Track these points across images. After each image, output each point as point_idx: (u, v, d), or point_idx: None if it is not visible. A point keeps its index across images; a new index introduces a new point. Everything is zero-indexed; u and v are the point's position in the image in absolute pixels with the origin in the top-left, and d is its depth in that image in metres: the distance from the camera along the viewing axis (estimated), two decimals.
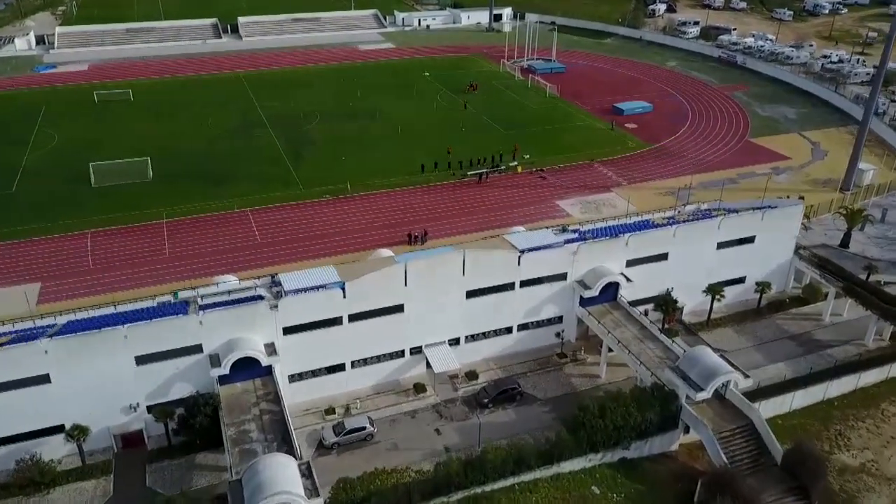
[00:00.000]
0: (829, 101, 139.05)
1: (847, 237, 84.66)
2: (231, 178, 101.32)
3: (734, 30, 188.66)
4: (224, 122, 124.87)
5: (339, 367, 62.02)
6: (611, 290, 66.94)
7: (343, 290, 58.95)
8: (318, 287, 59.75)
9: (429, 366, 63.55)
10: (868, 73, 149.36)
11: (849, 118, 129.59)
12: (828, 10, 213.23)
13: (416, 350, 64.04)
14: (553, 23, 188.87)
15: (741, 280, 74.74)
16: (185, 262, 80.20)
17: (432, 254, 66.11)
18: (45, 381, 52.61)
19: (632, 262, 68.16)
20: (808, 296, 76.18)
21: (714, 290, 70.80)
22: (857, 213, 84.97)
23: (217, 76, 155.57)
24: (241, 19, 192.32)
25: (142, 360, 54.58)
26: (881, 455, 57.63)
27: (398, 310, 61.54)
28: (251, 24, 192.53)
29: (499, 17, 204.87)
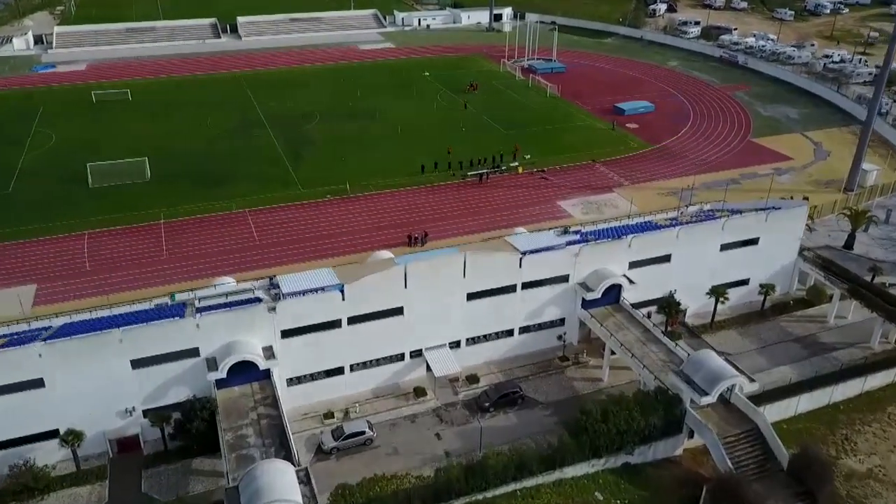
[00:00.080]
0: (831, 101, 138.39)
1: (851, 238, 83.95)
2: (230, 178, 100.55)
3: (735, 29, 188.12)
4: (223, 122, 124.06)
5: (338, 371, 61.35)
6: (613, 293, 66.23)
7: (342, 292, 58.27)
8: (316, 289, 59.10)
9: (429, 369, 62.86)
10: (870, 73, 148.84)
11: (851, 118, 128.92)
12: (829, 10, 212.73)
13: (417, 353, 63.32)
14: (553, 22, 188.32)
15: (745, 282, 74.02)
16: (182, 264, 79.45)
17: (433, 255, 65.64)
18: (39, 385, 51.97)
19: (634, 264, 67.51)
20: (813, 298, 75.54)
21: (717, 292, 70.09)
22: (861, 214, 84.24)
23: (216, 76, 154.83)
24: (240, 19, 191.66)
25: (138, 363, 53.90)
26: (888, 460, 56.83)
27: (398, 312, 60.84)
28: (250, 24, 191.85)
29: (499, 17, 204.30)
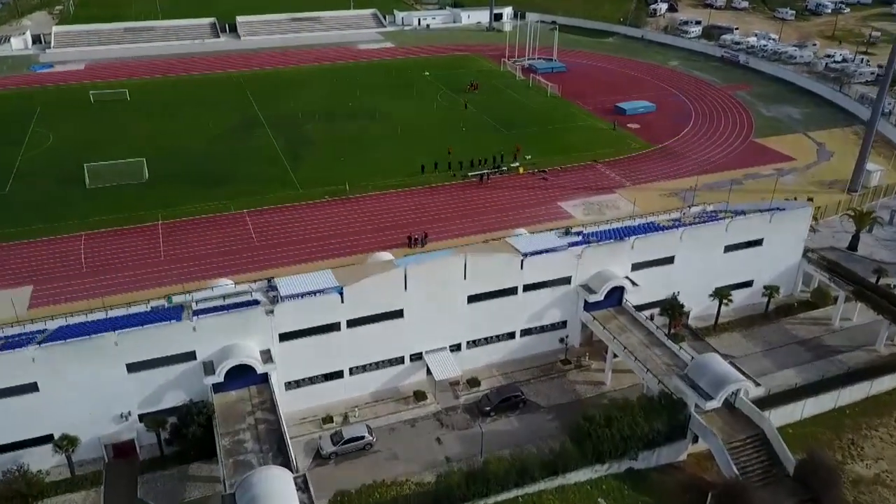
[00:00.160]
0: (833, 101, 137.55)
1: (855, 240, 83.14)
2: (228, 178, 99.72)
3: (736, 29, 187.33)
4: (221, 122, 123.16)
5: (336, 375, 60.53)
6: (616, 295, 65.39)
7: (341, 294, 57.46)
8: (315, 292, 58.40)
9: (429, 373, 62.06)
10: (873, 73, 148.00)
11: (854, 118, 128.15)
12: (830, 10, 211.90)
13: (417, 356, 62.49)
14: (554, 22, 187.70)
15: (749, 284, 73.19)
16: (180, 265, 78.63)
17: (433, 257, 64.89)
18: (32, 389, 51.14)
19: (637, 266, 66.67)
20: (817, 300, 74.64)
21: (721, 294, 69.22)
22: (865, 215, 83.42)
23: (215, 76, 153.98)
24: (239, 19, 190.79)
25: (133, 367, 53.09)
26: None
27: (398, 315, 60.02)
28: (249, 24, 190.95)
29: (499, 17, 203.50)
